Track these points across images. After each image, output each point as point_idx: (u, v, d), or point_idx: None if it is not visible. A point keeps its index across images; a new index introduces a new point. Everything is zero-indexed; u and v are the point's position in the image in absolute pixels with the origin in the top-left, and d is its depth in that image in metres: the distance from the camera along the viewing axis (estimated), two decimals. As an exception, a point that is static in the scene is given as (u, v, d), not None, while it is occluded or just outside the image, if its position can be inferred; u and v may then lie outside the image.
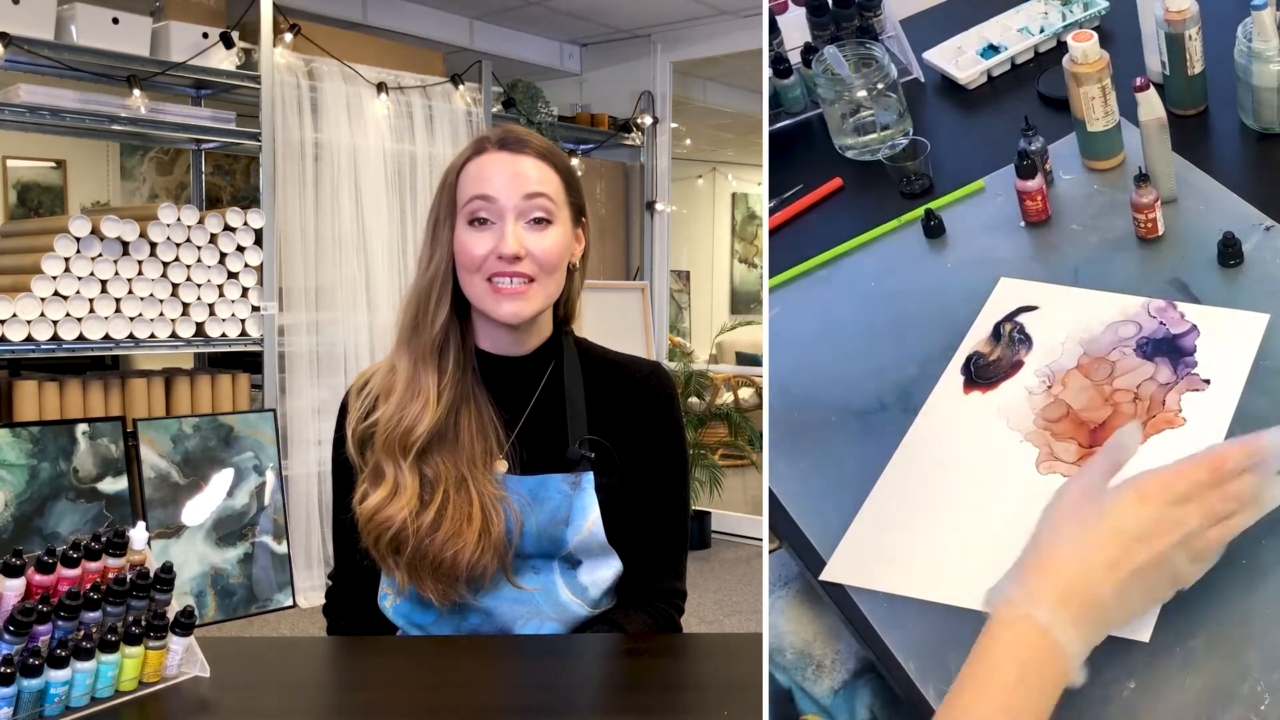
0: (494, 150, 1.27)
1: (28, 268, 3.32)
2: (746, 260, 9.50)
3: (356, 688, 1.11)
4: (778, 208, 1.38)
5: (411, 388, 1.25)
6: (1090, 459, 0.93)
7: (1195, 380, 1.11)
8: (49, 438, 3.33)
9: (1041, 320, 1.19)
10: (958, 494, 1.07)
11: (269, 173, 3.98)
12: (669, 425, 1.34)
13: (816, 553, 1.07)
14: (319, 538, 4.07)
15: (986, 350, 1.18)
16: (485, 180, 1.25)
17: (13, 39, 3.29)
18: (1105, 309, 1.19)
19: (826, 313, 1.28)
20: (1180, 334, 1.15)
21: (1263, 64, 1.24)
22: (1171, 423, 1.08)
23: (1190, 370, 1.12)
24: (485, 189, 1.24)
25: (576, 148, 5.51)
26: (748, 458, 5.46)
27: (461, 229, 1.25)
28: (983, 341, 1.19)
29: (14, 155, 6.11)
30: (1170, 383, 1.11)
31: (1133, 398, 1.11)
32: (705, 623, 3.82)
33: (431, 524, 1.21)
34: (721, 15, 5.20)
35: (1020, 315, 1.20)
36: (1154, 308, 1.17)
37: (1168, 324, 1.16)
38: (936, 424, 1.13)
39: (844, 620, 1.03)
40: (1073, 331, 1.18)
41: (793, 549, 1.09)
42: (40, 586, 0.93)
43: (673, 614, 1.32)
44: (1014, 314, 1.20)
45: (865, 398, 1.19)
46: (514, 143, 1.27)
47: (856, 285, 1.29)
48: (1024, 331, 1.18)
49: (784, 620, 1.15)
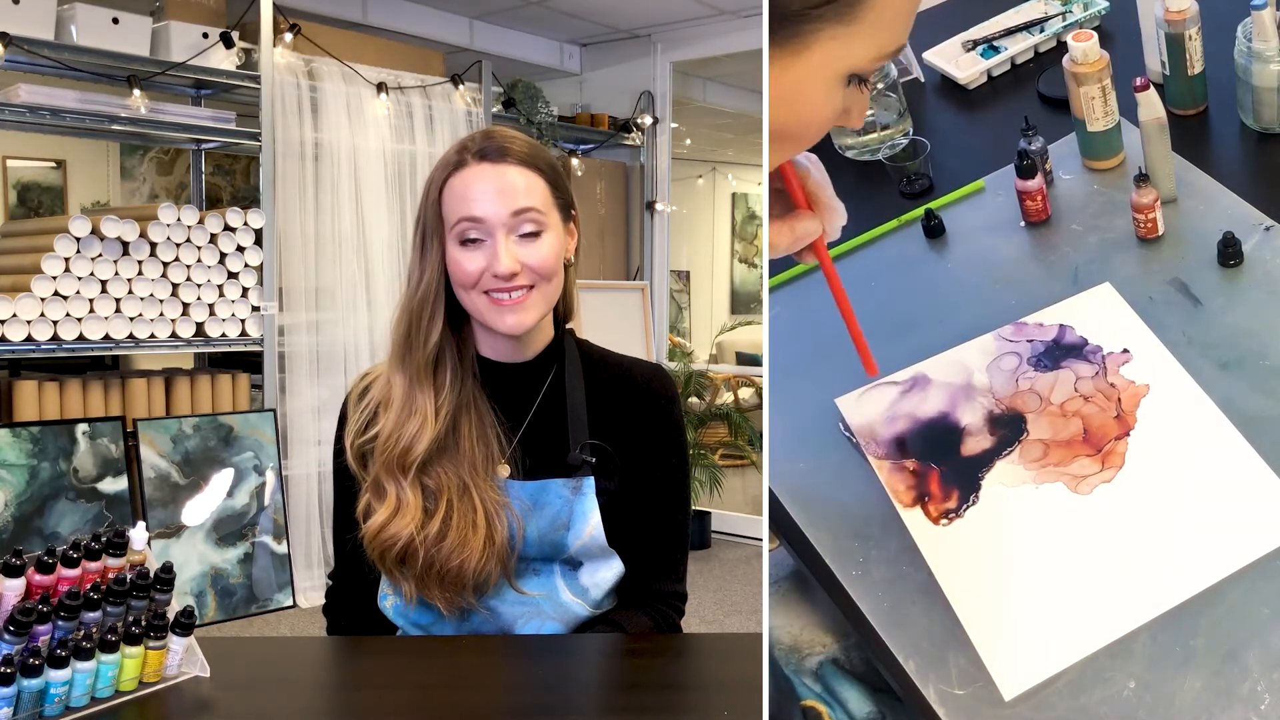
0: (475, 163, 1.23)
1: (28, 268, 3.32)
2: (746, 260, 9.50)
3: (356, 688, 1.11)
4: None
5: (408, 406, 1.24)
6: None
7: (1115, 356, 1.12)
8: (49, 438, 3.33)
9: (938, 395, 1.17)
10: (1036, 558, 1.03)
11: (269, 173, 3.98)
12: (670, 429, 1.34)
13: (816, 552, 1.07)
14: (319, 538, 4.07)
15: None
16: (471, 200, 1.22)
17: (13, 39, 3.29)
18: (973, 359, 1.18)
19: (826, 313, 1.27)
20: (1058, 337, 1.16)
21: (1263, 64, 1.24)
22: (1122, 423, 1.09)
23: (1101, 352, 1.13)
24: (473, 210, 1.21)
25: (576, 148, 5.51)
26: (748, 458, 5.46)
27: (453, 248, 1.23)
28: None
29: (14, 155, 6.11)
30: (1099, 371, 1.12)
31: (1084, 400, 1.11)
32: (705, 623, 3.82)
33: (437, 534, 1.21)
34: (721, 15, 5.20)
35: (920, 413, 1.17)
36: (1007, 333, 1.19)
37: (1038, 337, 1.17)
38: (961, 531, 1.09)
39: (843, 616, 1.03)
40: (971, 391, 1.16)
41: (791, 548, 1.09)
42: (40, 586, 0.93)
43: (673, 616, 1.32)
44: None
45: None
46: (495, 152, 1.23)
47: (856, 285, 1.29)
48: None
49: (783, 610, 1.15)
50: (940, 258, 1.30)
